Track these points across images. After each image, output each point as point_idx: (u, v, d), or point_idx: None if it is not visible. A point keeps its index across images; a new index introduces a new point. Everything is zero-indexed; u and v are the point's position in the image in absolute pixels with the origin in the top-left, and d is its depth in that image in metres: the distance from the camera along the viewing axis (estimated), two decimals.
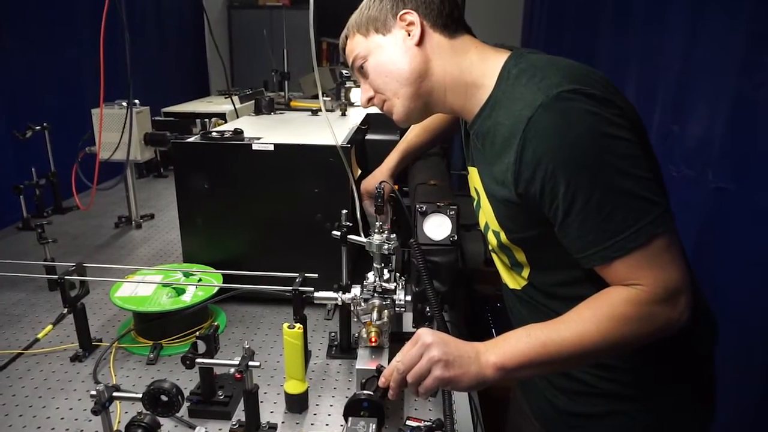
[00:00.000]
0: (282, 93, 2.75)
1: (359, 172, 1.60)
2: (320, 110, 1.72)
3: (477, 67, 0.96)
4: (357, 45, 1.02)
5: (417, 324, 1.22)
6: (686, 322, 0.83)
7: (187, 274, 1.45)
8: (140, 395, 0.89)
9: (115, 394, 0.90)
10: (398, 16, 0.97)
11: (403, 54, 0.97)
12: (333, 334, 1.36)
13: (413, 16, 0.96)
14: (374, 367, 1.04)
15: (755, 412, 1.57)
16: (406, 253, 1.53)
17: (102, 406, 0.87)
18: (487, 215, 1.01)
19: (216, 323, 1.09)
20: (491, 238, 1.04)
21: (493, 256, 1.11)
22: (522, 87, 0.87)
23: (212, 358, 1.06)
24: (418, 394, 0.85)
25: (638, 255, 0.81)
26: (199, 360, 1.03)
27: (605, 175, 0.81)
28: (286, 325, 1.08)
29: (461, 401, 1.17)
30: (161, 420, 0.90)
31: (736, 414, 1.56)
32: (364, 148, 1.92)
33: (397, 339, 1.21)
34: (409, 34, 0.97)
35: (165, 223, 2.21)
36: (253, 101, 2.28)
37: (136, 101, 2.05)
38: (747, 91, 1.52)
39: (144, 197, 2.47)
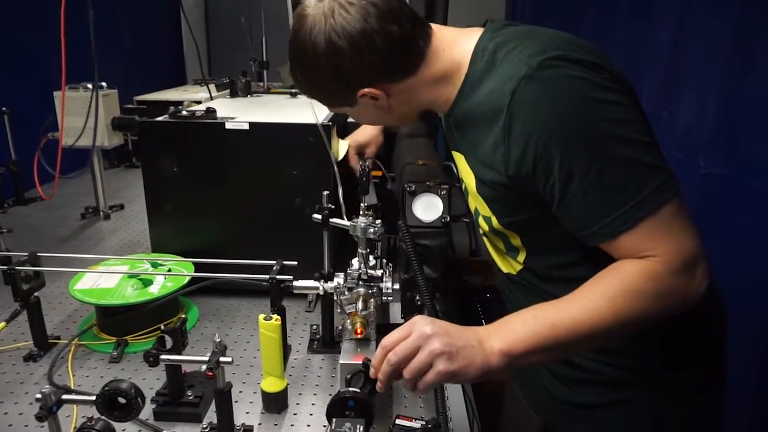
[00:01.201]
0: (261, 83, 2.63)
1: (342, 154, 1.50)
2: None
3: (450, 61, 0.88)
4: (326, 107, 1.01)
5: (406, 314, 1.12)
6: (704, 293, 0.77)
7: (155, 264, 1.34)
8: (94, 397, 0.78)
9: (64, 396, 0.79)
10: (357, 95, 0.88)
11: (379, 112, 0.93)
12: (315, 327, 1.26)
13: (370, 90, 0.87)
14: (360, 362, 0.94)
15: (751, 405, 1.50)
16: (392, 239, 1.43)
17: (48, 411, 0.76)
18: (476, 201, 0.93)
19: (185, 316, 0.98)
20: (482, 224, 0.96)
21: (485, 240, 1.03)
22: (501, 61, 0.80)
23: (180, 354, 0.95)
24: (414, 389, 0.75)
25: (648, 225, 0.75)
26: (164, 356, 0.92)
27: (602, 144, 0.74)
28: (262, 316, 0.98)
29: (454, 395, 1.08)
30: (122, 425, 0.79)
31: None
32: (346, 131, 1.82)
33: (383, 331, 1.11)
34: (376, 99, 0.88)
35: (135, 214, 2.09)
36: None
37: (103, 84, 1.92)
38: (736, 77, 1.48)
39: (114, 187, 2.34)
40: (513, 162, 0.79)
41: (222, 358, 0.89)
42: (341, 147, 1.47)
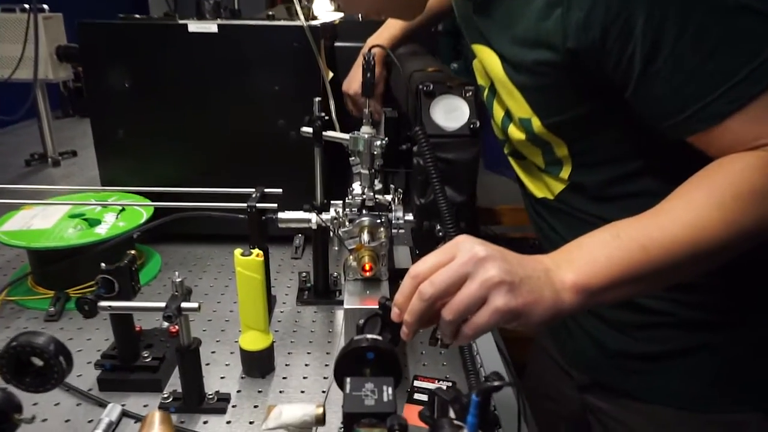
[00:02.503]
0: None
1: (331, 74, 1.25)
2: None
3: None
4: None
5: (421, 251, 0.89)
6: None
7: (104, 204, 1.08)
8: None
9: None
10: None
11: None
12: (304, 274, 1.03)
13: None
14: (370, 306, 0.71)
15: None
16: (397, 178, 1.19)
17: None
18: (509, 99, 0.71)
19: (134, 252, 0.74)
20: (515, 133, 0.73)
21: (513, 161, 0.81)
22: None
23: (128, 300, 0.71)
24: (455, 336, 0.53)
25: (765, 102, 0.53)
26: (104, 303, 0.68)
27: None
28: (238, 251, 0.74)
29: (484, 347, 0.86)
30: (47, 398, 0.55)
31: None
32: (333, 57, 1.56)
33: (393, 276, 0.89)
34: None
35: (91, 161, 1.80)
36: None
37: (45, 6, 1.64)
38: None
39: (68, 136, 2.05)
40: (574, 27, 0.56)
41: (185, 304, 0.66)
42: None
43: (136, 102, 1.11)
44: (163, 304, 0.65)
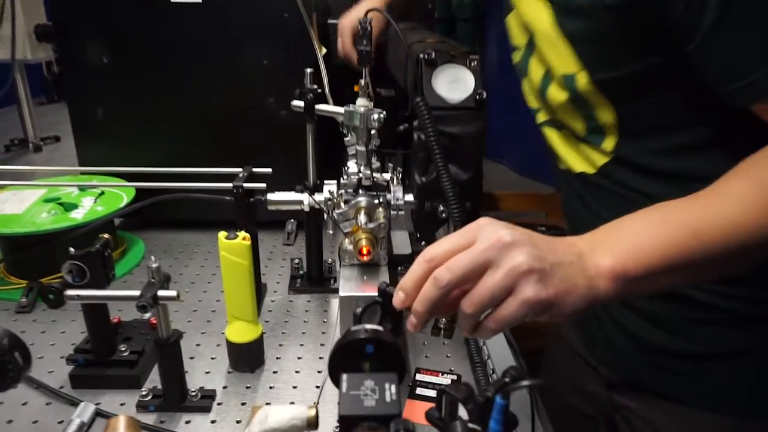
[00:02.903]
0: None
1: (324, 50, 1.18)
2: None
3: None
4: None
5: (423, 237, 0.83)
6: None
7: (83, 188, 1.01)
8: None
9: None
10: None
11: None
12: (297, 261, 0.96)
13: None
14: (367, 294, 0.65)
15: None
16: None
17: None
18: (552, 55, 0.64)
19: (108, 236, 0.67)
20: (556, 94, 0.67)
21: (549, 131, 0.74)
22: None
23: (102, 289, 0.64)
24: (474, 330, 0.46)
25: None
26: (71, 292, 0.61)
27: None
28: (222, 234, 0.67)
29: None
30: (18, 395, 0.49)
31: None
32: (327, 35, 1.49)
33: (392, 262, 0.82)
34: None
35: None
36: None
37: None
38: None
39: (52, 121, 1.96)
40: None
41: (162, 292, 0.59)
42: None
43: (115, 79, 1.03)
44: (137, 293, 0.58)
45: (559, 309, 0.44)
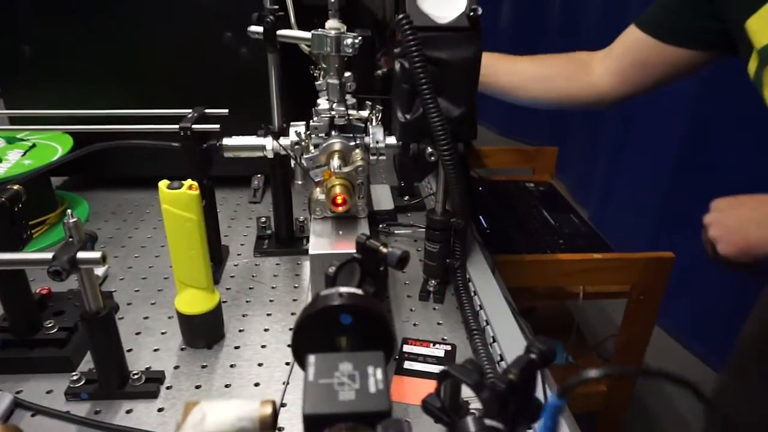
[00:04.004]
0: None
1: None
2: None
3: None
4: None
5: (406, 182, 0.71)
6: None
7: (11, 140, 0.87)
8: None
9: None
10: None
11: None
12: (263, 219, 0.84)
13: None
14: (342, 251, 0.53)
15: None
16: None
17: None
18: None
19: (18, 187, 0.54)
20: None
21: None
22: None
23: (14, 251, 0.52)
24: None
25: None
26: None
27: None
28: (163, 183, 0.55)
29: (488, 300, 0.69)
30: None
31: None
32: None
33: (373, 219, 0.71)
34: None
35: None
36: None
37: None
38: None
39: None
40: None
41: (83, 254, 0.46)
42: None
43: (44, 11, 0.88)
44: (49, 256, 0.46)
45: None
